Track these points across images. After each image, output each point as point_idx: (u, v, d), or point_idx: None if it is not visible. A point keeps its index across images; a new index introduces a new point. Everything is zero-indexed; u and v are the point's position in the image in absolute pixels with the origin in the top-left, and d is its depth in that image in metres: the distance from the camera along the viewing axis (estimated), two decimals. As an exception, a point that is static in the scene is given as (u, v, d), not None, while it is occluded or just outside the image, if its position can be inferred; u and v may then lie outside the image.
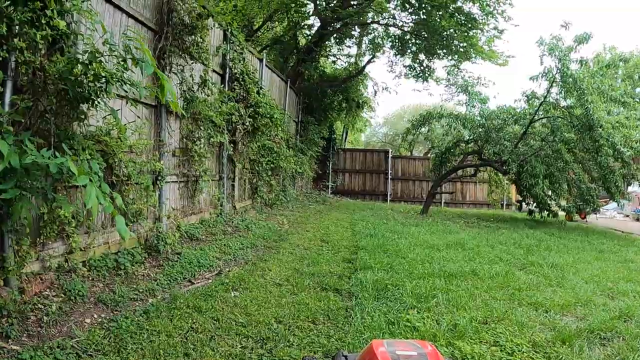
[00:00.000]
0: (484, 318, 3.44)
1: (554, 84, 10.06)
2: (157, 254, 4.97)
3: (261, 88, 7.66)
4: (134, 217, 4.79)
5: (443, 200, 17.27)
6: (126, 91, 3.87)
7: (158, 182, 5.32)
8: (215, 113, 6.32)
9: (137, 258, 4.61)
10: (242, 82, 7.36)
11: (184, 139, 6.06)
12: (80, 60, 3.08)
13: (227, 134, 7.12)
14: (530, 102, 10.54)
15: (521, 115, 10.59)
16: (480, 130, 10.99)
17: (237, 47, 7.70)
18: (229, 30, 7.44)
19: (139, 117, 4.95)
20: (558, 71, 9.61)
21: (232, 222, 7.02)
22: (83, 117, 3.55)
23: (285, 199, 10.56)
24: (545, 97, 10.29)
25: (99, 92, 3.22)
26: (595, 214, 11.61)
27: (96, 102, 3.31)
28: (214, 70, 7.05)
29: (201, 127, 6.14)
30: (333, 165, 17.60)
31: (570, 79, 9.09)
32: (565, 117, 10.12)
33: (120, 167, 4.46)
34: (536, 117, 10.56)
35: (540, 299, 4.14)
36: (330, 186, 17.32)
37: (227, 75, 7.39)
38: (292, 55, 13.70)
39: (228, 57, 7.42)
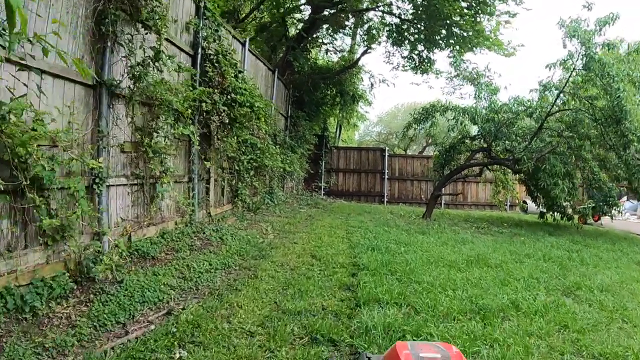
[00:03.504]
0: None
1: (574, 72, 8.93)
2: (91, 282, 3.69)
3: (240, 72, 6.39)
4: (57, 234, 3.52)
5: (443, 202, 16.14)
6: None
7: (96, 185, 4.04)
8: (178, 98, 5.04)
9: (57, 292, 3.33)
10: (217, 64, 6.09)
11: (138, 131, 4.78)
12: None
13: (196, 125, 5.84)
14: (549, 92, 9.38)
15: (536, 108, 9.43)
16: (489, 124, 9.82)
17: (212, 24, 6.42)
18: (202, 3, 6.17)
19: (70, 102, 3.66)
20: (580, 56, 8.47)
21: (204, 232, 5.74)
22: None
23: (272, 203, 9.30)
24: (564, 86, 9.15)
25: None
26: (613, 216, 10.52)
27: None
28: (181, 49, 5.79)
29: (160, 116, 4.86)
30: (326, 165, 16.36)
31: (597, 65, 7.94)
32: (587, 109, 8.98)
33: (29, 166, 3.18)
34: (553, 110, 9.41)
35: (614, 347, 2.95)
36: (323, 187, 16.08)
37: (198, 56, 6.11)
38: (281, 43, 12.42)
39: (201, 36, 6.15)
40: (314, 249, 5.53)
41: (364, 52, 14.86)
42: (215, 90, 5.85)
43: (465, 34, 12.83)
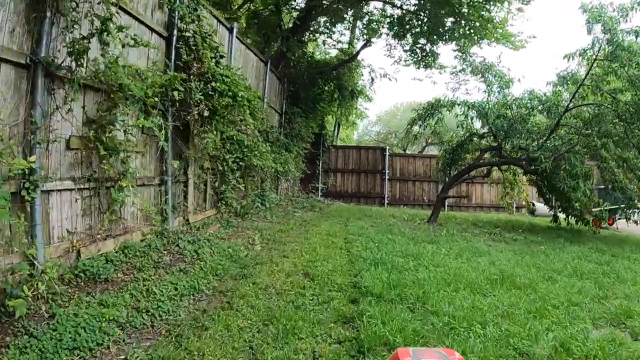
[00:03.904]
0: None
1: (596, 63, 8.10)
2: (10, 319, 2.82)
3: (222, 57, 5.51)
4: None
5: (447, 204, 15.28)
6: None
7: (27, 191, 3.16)
8: (142, 84, 4.16)
9: (-45, 336, 2.46)
10: (194, 47, 5.21)
11: (91, 124, 3.91)
12: None
13: (169, 118, 4.96)
14: (565, 85, 8.54)
15: (553, 102, 8.57)
16: (500, 121, 8.95)
17: (191, 2, 5.55)
18: (178, -24, 5.30)
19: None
20: (605, 44, 7.63)
21: (178, 244, 4.87)
22: None
23: (262, 206, 8.42)
24: (585, 78, 8.30)
25: None
26: (637, 221, 9.70)
27: None
28: (151, 29, 4.91)
29: (118, 105, 3.97)
30: (323, 165, 15.48)
31: (625, 53, 7.10)
32: (610, 103, 8.15)
33: None
34: (572, 104, 8.56)
35: None
36: (320, 188, 15.20)
37: (173, 38, 5.24)
38: (275, 35, 11.52)
39: (177, 15, 5.28)
40: (306, 265, 4.66)
41: (364, 46, 13.99)
42: (191, 77, 4.96)
43: (472, 24, 11.99)
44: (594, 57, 8.08)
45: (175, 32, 5.27)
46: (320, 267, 4.56)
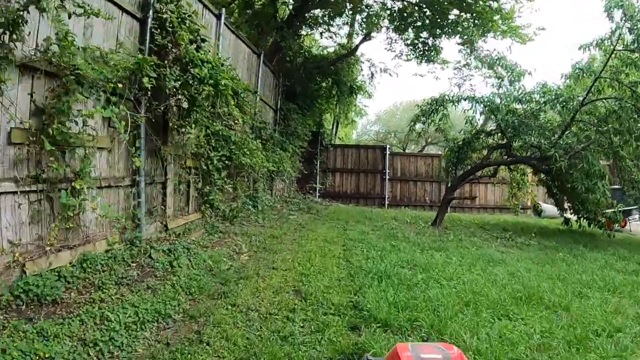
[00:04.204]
0: None
1: (614, 53, 7.48)
2: None
3: (203, 40, 4.86)
4: None
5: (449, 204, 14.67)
6: None
7: (-57, 195, 2.51)
8: (100, 67, 3.51)
9: None
10: (170, 29, 4.55)
11: (40, 114, 3.26)
12: None
13: (141, 109, 4.31)
14: (584, 77, 7.91)
15: (570, 96, 7.92)
16: (511, 117, 8.30)
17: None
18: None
19: None
20: (622, 34, 7.01)
21: (150, 255, 4.22)
22: None
23: (254, 209, 7.76)
24: (602, 70, 7.68)
25: None
26: None
27: None
28: (123, 9, 4.27)
29: (71, 91, 3.32)
30: (321, 164, 14.83)
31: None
32: (631, 97, 7.52)
33: None
34: (587, 99, 7.93)
35: None
36: (318, 188, 14.56)
37: (149, 20, 4.59)
38: (270, 27, 10.85)
39: (153, -6, 4.64)
40: (299, 279, 4.01)
41: (363, 39, 13.35)
42: (167, 63, 4.31)
43: (478, 15, 11.35)
44: (612, 47, 7.47)
45: (150, 13, 4.63)
46: (314, 282, 3.91)
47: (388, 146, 16.10)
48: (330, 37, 12.99)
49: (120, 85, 3.71)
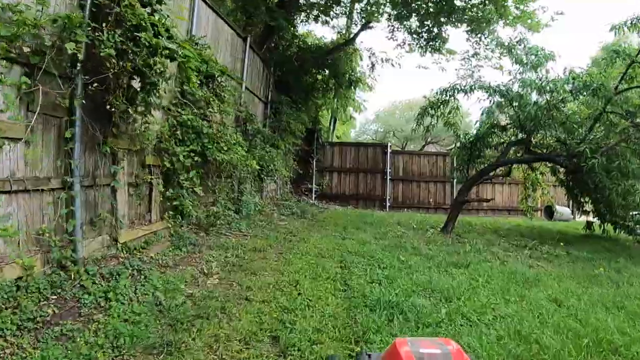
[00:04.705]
0: None
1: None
2: None
3: (160, 2, 3.76)
4: None
5: (455, 206, 13.63)
6: None
7: None
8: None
9: None
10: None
11: None
12: None
13: (77, 89, 3.22)
14: (620, 60, 6.87)
15: (601, 83, 6.85)
16: (532, 108, 7.22)
17: None
18: None
19: None
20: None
21: (81, 282, 3.13)
22: None
23: (238, 214, 6.68)
24: (638, 53, 6.64)
25: None
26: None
27: None
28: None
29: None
30: (318, 163, 13.77)
31: None
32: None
33: None
34: (622, 86, 6.88)
35: None
36: (314, 189, 13.50)
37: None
38: (258, 9, 9.75)
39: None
40: (279, 317, 2.92)
41: (363, 27, 12.27)
42: (105, 26, 3.22)
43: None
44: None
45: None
46: (300, 323, 2.83)
47: (390, 144, 15.07)
48: (326, 22, 11.86)
49: (27, 49, 2.63)
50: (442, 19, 11.73)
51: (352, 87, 12.92)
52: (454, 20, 11.79)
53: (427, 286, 3.76)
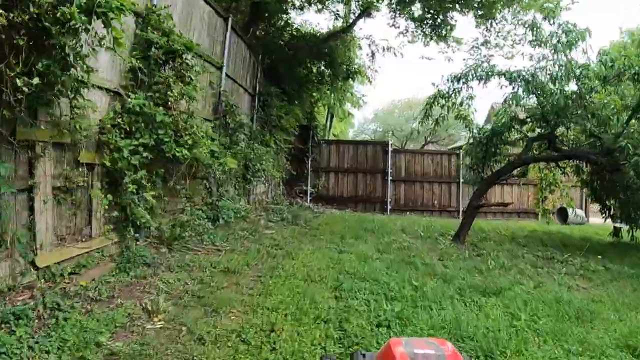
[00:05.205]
0: None
1: None
2: None
3: None
4: None
5: (461, 209, 12.61)
6: None
7: None
8: None
9: None
10: None
11: None
12: None
13: None
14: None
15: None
16: (560, 98, 6.16)
17: None
18: None
19: None
20: None
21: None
22: None
23: (214, 223, 5.59)
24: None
25: None
26: None
27: None
28: None
29: None
30: (313, 163, 12.70)
31: None
32: None
33: None
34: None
35: None
36: (309, 191, 12.44)
37: None
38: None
39: None
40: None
41: (361, 14, 11.20)
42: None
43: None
44: None
45: None
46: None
47: (391, 142, 14.02)
48: (320, 11, 10.79)
49: None
50: (449, 4, 10.70)
51: (350, 79, 11.85)
52: (462, 3, 10.74)
53: (455, 331, 2.70)
